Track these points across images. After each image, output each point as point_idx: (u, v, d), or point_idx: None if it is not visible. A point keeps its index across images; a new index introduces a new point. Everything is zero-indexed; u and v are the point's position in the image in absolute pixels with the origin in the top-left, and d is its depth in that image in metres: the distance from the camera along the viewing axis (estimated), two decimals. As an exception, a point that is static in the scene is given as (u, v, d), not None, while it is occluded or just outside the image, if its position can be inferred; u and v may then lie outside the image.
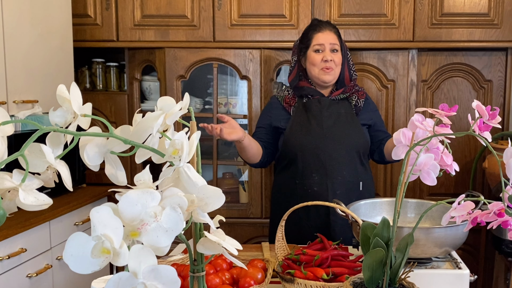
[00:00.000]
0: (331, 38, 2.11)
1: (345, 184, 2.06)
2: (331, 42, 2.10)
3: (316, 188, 2.05)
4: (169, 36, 2.87)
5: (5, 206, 0.62)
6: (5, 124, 0.60)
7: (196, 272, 0.78)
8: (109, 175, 0.71)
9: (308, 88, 2.14)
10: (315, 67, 2.11)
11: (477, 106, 0.94)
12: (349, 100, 2.15)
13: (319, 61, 2.09)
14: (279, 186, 2.19)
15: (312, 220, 2.05)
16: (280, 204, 2.15)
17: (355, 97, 2.15)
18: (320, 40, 2.10)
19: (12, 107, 2.28)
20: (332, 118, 2.09)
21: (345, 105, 2.13)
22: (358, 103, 2.15)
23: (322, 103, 2.11)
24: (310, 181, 2.06)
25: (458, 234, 1.44)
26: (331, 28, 2.14)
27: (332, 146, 2.06)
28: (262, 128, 2.20)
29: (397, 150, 1.05)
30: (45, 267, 2.21)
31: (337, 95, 2.13)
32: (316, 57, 2.10)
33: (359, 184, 2.10)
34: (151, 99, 3.10)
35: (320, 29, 2.12)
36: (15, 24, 2.29)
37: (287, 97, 2.18)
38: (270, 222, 2.28)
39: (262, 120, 2.23)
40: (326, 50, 2.10)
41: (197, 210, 0.69)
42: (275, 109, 2.19)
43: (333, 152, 2.05)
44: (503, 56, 2.87)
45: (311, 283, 1.29)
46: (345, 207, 1.49)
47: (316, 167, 2.05)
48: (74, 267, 0.56)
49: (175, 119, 0.72)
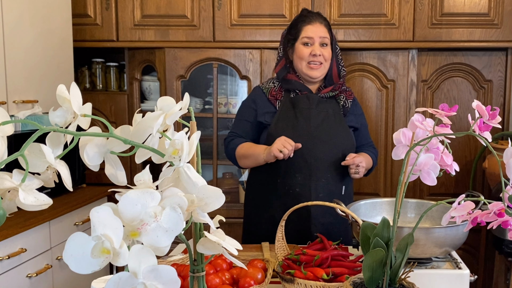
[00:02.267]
0: (321, 31, 1.99)
1: (328, 187, 1.96)
2: (321, 36, 1.99)
3: (298, 189, 1.95)
4: (169, 36, 2.87)
5: (5, 206, 0.62)
6: (5, 124, 0.60)
7: (196, 272, 0.77)
8: (109, 175, 0.71)
9: (296, 82, 2.03)
10: (302, 61, 2.00)
11: (477, 106, 0.94)
12: (337, 99, 2.04)
13: (307, 55, 1.98)
14: (258, 182, 2.06)
15: (291, 223, 1.82)
16: (257, 201, 2.05)
17: (343, 97, 2.05)
18: (310, 32, 1.99)
19: (12, 107, 2.28)
20: (321, 117, 1.99)
21: (333, 104, 2.03)
22: (346, 104, 2.05)
23: (311, 100, 2.00)
24: (292, 181, 1.95)
25: (458, 234, 1.44)
26: (321, 21, 2.02)
27: (319, 147, 1.95)
28: (247, 122, 2.06)
29: (397, 150, 1.05)
30: (45, 267, 2.21)
31: (326, 93, 2.03)
32: (304, 51, 1.99)
33: (341, 188, 2.01)
34: (151, 99, 3.10)
35: (310, 21, 2.01)
36: (15, 24, 2.29)
37: (273, 89, 2.05)
38: (244, 219, 2.13)
39: (247, 112, 2.08)
40: (316, 44, 1.99)
41: (197, 210, 0.69)
42: (260, 100, 2.06)
43: (319, 153, 1.95)
44: (503, 56, 2.87)
45: (311, 283, 1.29)
46: (345, 207, 1.49)
47: (300, 167, 1.93)
48: (74, 267, 0.56)
49: (175, 119, 0.72)
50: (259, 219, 2.04)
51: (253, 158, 1.97)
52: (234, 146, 2.03)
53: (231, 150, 2.05)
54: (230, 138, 2.07)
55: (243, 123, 2.07)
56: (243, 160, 2.02)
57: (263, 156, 1.91)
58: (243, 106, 2.12)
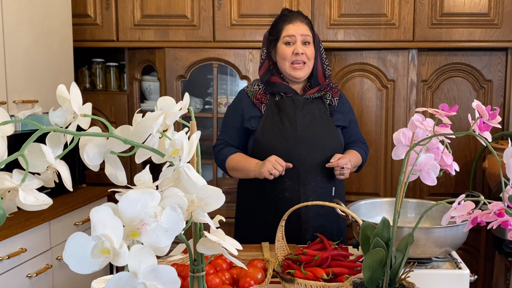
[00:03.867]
0: (302, 29, 1.96)
1: (318, 190, 1.94)
2: (302, 34, 1.96)
3: (287, 194, 1.93)
4: (169, 36, 2.87)
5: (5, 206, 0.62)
6: (5, 124, 0.60)
7: (196, 272, 0.77)
8: (109, 175, 0.71)
9: (281, 85, 2.00)
10: (285, 61, 1.96)
11: (477, 106, 0.94)
12: (323, 99, 2.01)
13: (290, 55, 1.95)
14: (248, 188, 2.05)
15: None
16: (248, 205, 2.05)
17: (329, 95, 2.01)
18: (291, 31, 1.96)
19: (12, 107, 2.28)
20: (307, 119, 1.96)
21: (319, 105, 2.00)
22: (333, 102, 2.01)
23: (296, 102, 1.97)
24: (281, 187, 1.93)
25: (458, 234, 1.44)
26: (302, 19, 1.99)
27: (306, 150, 1.93)
28: (235, 129, 2.04)
29: (397, 150, 1.05)
30: (45, 267, 2.21)
31: (312, 94, 2.00)
32: (286, 50, 1.96)
33: (331, 189, 1.99)
34: (151, 99, 3.10)
35: (291, 20, 1.98)
36: (15, 24, 2.29)
37: (258, 92, 2.02)
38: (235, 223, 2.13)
39: (233, 118, 2.05)
40: (297, 43, 1.95)
41: (197, 210, 0.69)
42: (246, 105, 2.02)
43: (306, 157, 1.92)
44: (503, 56, 2.87)
45: (311, 283, 1.29)
46: (345, 207, 1.49)
47: (288, 172, 1.89)
48: (74, 267, 0.56)
49: (175, 119, 0.72)
50: (250, 223, 2.04)
51: (243, 172, 1.96)
52: (223, 158, 2.01)
53: (220, 161, 2.03)
54: (220, 147, 2.05)
55: (231, 130, 2.05)
56: (234, 172, 2.01)
57: (254, 173, 1.90)
58: (229, 112, 2.09)
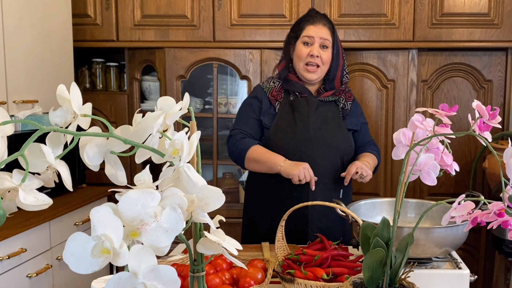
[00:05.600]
0: (322, 32, 1.95)
1: (326, 191, 1.94)
2: (321, 37, 1.95)
3: (296, 194, 1.92)
4: (169, 36, 2.87)
5: (5, 206, 0.62)
6: (5, 124, 0.60)
7: (196, 272, 0.77)
8: (109, 175, 0.71)
9: (297, 84, 2.00)
10: (300, 61, 1.97)
11: (477, 106, 0.94)
12: (337, 102, 2.02)
13: (305, 55, 1.95)
14: (257, 184, 2.04)
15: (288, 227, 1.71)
16: (256, 202, 2.05)
17: (343, 99, 2.02)
18: (311, 32, 1.95)
19: (12, 107, 2.28)
20: (319, 120, 1.96)
21: (332, 107, 2.01)
22: (346, 106, 2.02)
23: (310, 103, 1.97)
24: (290, 186, 1.90)
25: (458, 234, 1.44)
26: (325, 23, 1.98)
27: (317, 151, 1.93)
28: (255, 120, 2.01)
29: (397, 150, 1.05)
30: (45, 267, 2.21)
31: (326, 97, 2.00)
32: (303, 50, 1.96)
33: (339, 191, 1.99)
34: (151, 99, 3.10)
35: (313, 21, 1.97)
36: (15, 24, 2.29)
37: (274, 89, 2.02)
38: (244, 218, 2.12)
39: (253, 109, 2.03)
40: (315, 44, 1.95)
41: (197, 210, 0.69)
42: (263, 99, 2.02)
43: (317, 158, 1.92)
44: (503, 56, 2.87)
45: (311, 283, 1.29)
46: (345, 207, 1.49)
47: None
48: (74, 267, 0.56)
49: (175, 119, 0.72)
50: (258, 220, 2.04)
51: (266, 165, 1.90)
52: (245, 147, 1.94)
53: (241, 150, 1.95)
54: (239, 136, 1.98)
55: (251, 121, 2.00)
56: (253, 164, 1.95)
57: (280, 168, 1.86)
58: (248, 103, 2.06)
